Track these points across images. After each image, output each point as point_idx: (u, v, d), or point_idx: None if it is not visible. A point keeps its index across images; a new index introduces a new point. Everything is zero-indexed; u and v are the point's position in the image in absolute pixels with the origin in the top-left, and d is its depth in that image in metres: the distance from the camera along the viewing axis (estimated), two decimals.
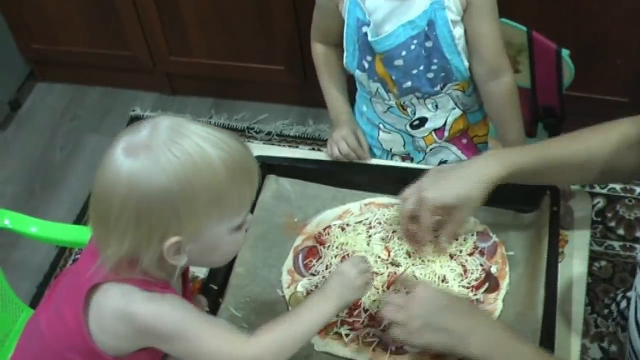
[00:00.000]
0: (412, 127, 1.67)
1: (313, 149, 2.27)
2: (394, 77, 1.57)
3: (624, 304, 1.42)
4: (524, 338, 1.20)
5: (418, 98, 1.61)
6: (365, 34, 1.53)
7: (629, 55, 2.26)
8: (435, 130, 1.67)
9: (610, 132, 1.34)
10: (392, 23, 1.52)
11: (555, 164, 1.35)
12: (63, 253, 2.41)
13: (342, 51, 1.62)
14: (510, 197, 1.42)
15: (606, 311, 1.50)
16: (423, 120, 1.65)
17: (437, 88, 1.59)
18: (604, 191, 2.36)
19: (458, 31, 1.53)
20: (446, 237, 1.36)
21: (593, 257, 1.55)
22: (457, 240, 1.39)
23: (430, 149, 1.70)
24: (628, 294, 1.40)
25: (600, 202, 2.36)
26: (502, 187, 1.35)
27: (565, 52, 1.72)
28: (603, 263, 2.20)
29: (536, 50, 1.75)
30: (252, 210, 1.47)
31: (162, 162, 1.02)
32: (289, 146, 2.57)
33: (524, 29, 1.75)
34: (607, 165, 1.33)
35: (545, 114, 1.83)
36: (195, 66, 2.76)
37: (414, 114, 1.65)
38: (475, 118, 1.69)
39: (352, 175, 1.53)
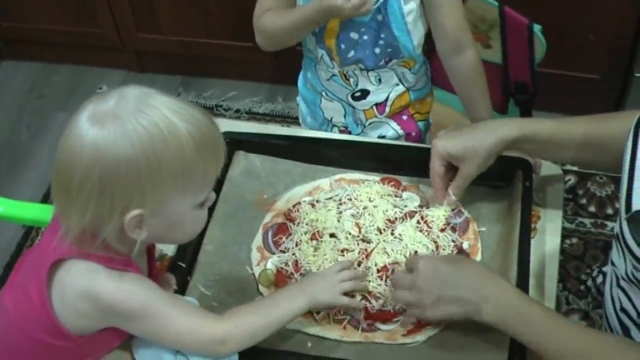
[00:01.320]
0: (354, 98, 1.66)
1: (282, 127, 2.24)
2: (340, 46, 1.55)
3: (599, 279, 1.41)
4: (534, 300, 1.19)
5: (361, 70, 1.59)
6: None
7: (601, 31, 2.26)
8: (376, 104, 1.66)
9: (625, 118, 1.32)
10: None
11: (568, 140, 1.35)
12: (30, 233, 2.38)
13: None
14: (483, 174, 1.41)
15: (582, 287, 1.49)
16: (365, 93, 1.64)
17: (382, 62, 1.58)
18: (575, 168, 2.36)
19: (410, 6, 1.51)
20: (454, 189, 1.37)
21: (564, 234, 1.54)
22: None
23: (370, 123, 1.69)
24: (604, 269, 1.39)
25: (571, 179, 2.36)
26: None
27: (537, 27, 1.71)
28: (574, 240, 2.20)
29: (508, 25, 1.74)
30: (220, 187, 1.45)
31: (128, 132, 0.99)
32: (258, 123, 2.55)
33: (496, 4, 1.73)
34: (618, 153, 1.28)
35: (517, 90, 1.82)
36: (164, 43, 2.73)
37: (357, 85, 1.63)
38: (418, 95, 1.68)
39: (323, 152, 1.51)
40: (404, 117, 1.69)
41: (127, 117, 1.00)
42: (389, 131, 1.69)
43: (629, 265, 1.16)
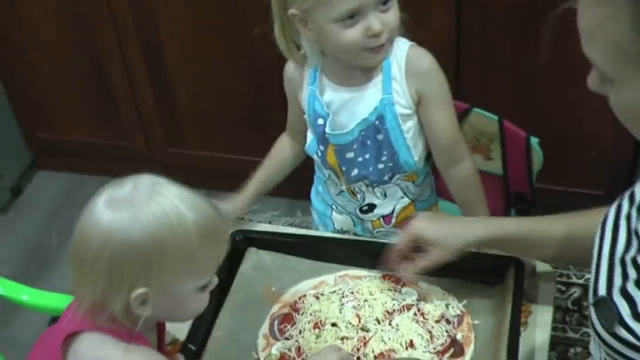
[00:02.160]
0: (362, 211, 1.75)
1: (292, 227, 2.35)
2: (343, 168, 1.67)
3: None
4: None
5: (367, 185, 1.70)
6: (321, 125, 1.64)
7: (604, 148, 2.36)
8: (383, 216, 1.75)
9: (595, 215, 1.42)
10: (346, 115, 1.62)
11: (542, 238, 1.43)
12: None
13: (299, 148, 1.76)
14: (476, 271, 1.50)
15: None
16: (372, 207, 1.74)
17: (386, 178, 1.68)
18: (581, 281, 2.41)
19: (408, 125, 1.62)
20: (414, 268, 1.44)
21: (569, 343, 1.60)
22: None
23: (377, 232, 1.78)
24: None
25: (576, 292, 2.41)
26: (470, 261, 1.45)
27: (534, 140, 1.82)
28: (579, 349, 2.23)
29: (507, 138, 1.85)
30: (232, 280, 1.56)
31: (140, 218, 1.10)
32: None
33: (496, 118, 1.85)
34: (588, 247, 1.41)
35: (517, 200, 1.91)
36: (191, 157, 2.88)
37: (364, 199, 1.73)
38: (424, 206, 1.77)
39: (329, 250, 1.61)
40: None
41: (140, 204, 1.11)
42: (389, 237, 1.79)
43: (602, 353, 1.23)
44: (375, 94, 1.60)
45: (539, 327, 1.46)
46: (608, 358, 1.21)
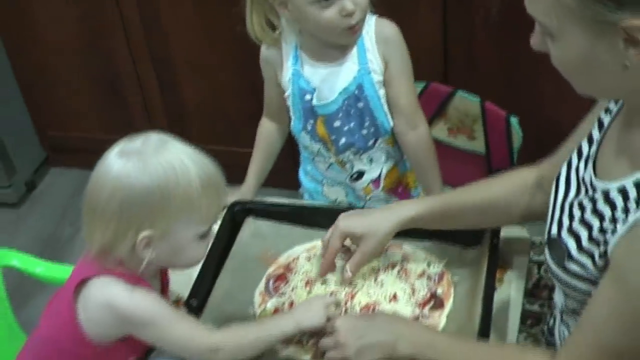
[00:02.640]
0: (352, 179, 1.89)
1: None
2: (332, 137, 1.80)
3: (551, 322, 1.59)
4: (439, 332, 1.42)
5: (354, 154, 1.83)
6: (308, 100, 1.77)
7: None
8: (372, 181, 1.88)
9: (509, 178, 1.55)
10: (328, 87, 1.76)
11: (457, 209, 1.55)
12: None
13: (281, 128, 1.91)
14: (456, 234, 1.62)
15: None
16: (361, 174, 1.87)
17: (370, 143, 1.81)
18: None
19: (382, 91, 1.76)
20: (351, 265, 1.53)
21: (530, 333, 1.73)
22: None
23: (369, 198, 1.91)
24: (554, 312, 1.58)
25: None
26: None
27: (514, 119, 1.96)
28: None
29: (489, 118, 1.99)
30: (231, 246, 1.69)
31: (148, 167, 1.23)
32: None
33: (478, 99, 1.99)
34: (506, 210, 1.53)
35: None
36: None
37: (352, 168, 1.86)
38: (404, 168, 1.90)
39: (319, 217, 1.73)
40: (400, 190, 1.91)
41: (149, 155, 1.24)
42: (380, 204, 1.91)
43: (561, 296, 1.36)
44: (352, 66, 1.73)
45: (514, 284, 1.58)
46: (566, 298, 1.34)
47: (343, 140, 1.80)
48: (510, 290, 1.57)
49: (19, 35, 2.94)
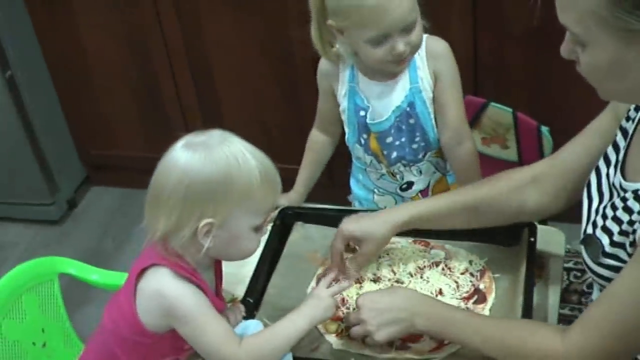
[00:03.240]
0: (402, 189, 1.98)
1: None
2: (385, 152, 1.90)
3: None
4: (456, 307, 1.52)
5: (404, 166, 1.93)
6: (363, 116, 1.88)
7: None
8: (420, 191, 1.98)
9: (502, 178, 1.65)
10: (381, 105, 1.86)
11: (448, 209, 1.65)
12: None
13: (332, 141, 2.01)
14: (495, 234, 1.72)
15: None
16: (410, 184, 1.97)
17: (420, 156, 1.91)
18: (579, 266, 2.63)
19: (432, 107, 1.86)
20: (353, 265, 1.65)
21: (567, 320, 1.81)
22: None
23: None
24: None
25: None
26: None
27: (544, 129, 2.06)
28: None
29: (521, 128, 2.09)
30: (282, 249, 1.79)
31: (214, 156, 1.33)
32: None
33: (510, 110, 2.09)
34: (497, 209, 1.63)
35: None
36: None
37: (403, 179, 1.96)
38: (453, 179, 1.99)
39: None
40: None
41: (213, 147, 1.34)
42: None
43: (598, 292, 1.45)
44: (404, 85, 1.84)
45: (551, 280, 1.67)
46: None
47: (394, 154, 1.90)
48: (548, 284, 1.66)
49: (61, 55, 3.05)
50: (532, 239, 1.68)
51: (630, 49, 1.19)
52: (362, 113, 1.88)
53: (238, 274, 1.71)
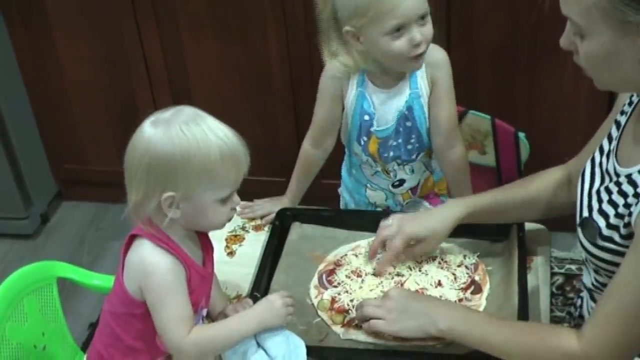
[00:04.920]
0: (394, 186, 2.08)
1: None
2: (383, 155, 2.00)
3: (579, 302, 1.79)
4: (475, 311, 1.61)
5: (399, 165, 2.03)
6: (367, 121, 1.97)
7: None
8: (411, 188, 2.08)
9: (545, 176, 1.78)
10: (386, 111, 1.96)
11: (504, 204, 1.77)
12: None
13: (323, 156, 2.09)
14: (485, 231, 1.83)
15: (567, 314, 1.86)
16: (402, 181, 2.07)
17: (414, 157, 2.02)
18: (562, 271, 2.75)
19: (427, 112, 1.97)
20: (410, 258, 1.75)
21: (557, 321, 1.86)
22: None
23: (406, 203, 2.11)
24: (581, 294, 1.78)
25: (559, 279, 2.74)
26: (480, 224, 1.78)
27: (521, 134, 2.17)
28: (565, 325, 2.55)
29: (499, 133, 2.20)
30: (282, 248, 1.87)
31: (173, 134, 1.40)
32: None
33: (489, 117, 2.20)
34: (546, 204, 1.75)
35: None
36: None
37: (396, 176, 2.06)
38: (438, 176, 2.11)
39: (360, 221, 1.93)
40: (431, 196, 2.12)
41: (175, 125, 1.40)
42: (418, 207, 2.11)
43: (591, 274, 1.56)
44: (404, 89, 1.94)
45: (540, 269, 1.79)
46: (597, 275, 1.54)
47: (391, 153, 2.00)
48: (538, 275, 1.77)
49: (37, 68, 3.08)
50: (521, 234, 1.79)
51: (624, 39, 1.30)
52: (366, 117, 1.97)
53: (238, 273, 1.81)
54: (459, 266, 1.77)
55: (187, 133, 1.40)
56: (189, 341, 1.45)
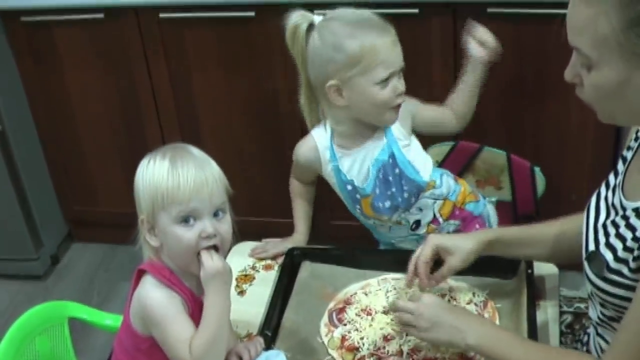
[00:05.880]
0: (412, 230, 2.09)
1: None
2: (377, 207, 2.01)
3: (585, 338, 1.79)
4: (505, 329, 1.62)
5: (404, 212, 2.04)
6: (351, 190, 2.01)
7: (583, 191, 2.70)
8: (430, 222, 2.08)
9: (578, 217, 1.76)
10: (363, 168, 2.00)
11: (530, 238, 1.77)
12: None
13: (312, 186, 2.16)
14: (493, 269, 1.84)
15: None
16: (418, 222, 2.07)
17: (413, 200, 2.03)
18: (571, 309, 2.75)
19: (410, 154, 2.00)
20: (437, 276, 1.76)
21: None
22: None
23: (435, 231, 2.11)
24: (588, 330, 1.78)
25: (568, 318, 2.73)
26: (487, 261, 1.78)
27: (537, 168, 2.19)
28: None
29: (514, 168, 2.22)
30: (292, 286, 1.87)
31: (148, 170, 1.49)
32: None
33: (504, 152, 2.22)
34: (573, 245, 1.71)
35: (525, 222, 2.24)
36: None
37: (409, 222, 2.07)
38: (455, 195, 2.09)
39: (370, 259, 1.94)
40: (457, 213, 2.09)
41: (158, 159, 1.51)
42: (450, 227, 2.09)
43: (598, 308, 1.56)
44: (379, 139, 1.98)
45: (549, 308, 1.79)
46: (603, 309, 1.54)
47: (388, 203, 2.01)
48: (547, 312, 1.77)
49: (48, 108, 3.11)
50: (530, 271, 1.80)
51: (635, 71, 1.30)
52: (349, 187, 2.01)
53: (249, 312, 1.82)
54: (468, 303, 1.77)
55: (159, 169, 1.50)
56: (190, 355, 1.47)
